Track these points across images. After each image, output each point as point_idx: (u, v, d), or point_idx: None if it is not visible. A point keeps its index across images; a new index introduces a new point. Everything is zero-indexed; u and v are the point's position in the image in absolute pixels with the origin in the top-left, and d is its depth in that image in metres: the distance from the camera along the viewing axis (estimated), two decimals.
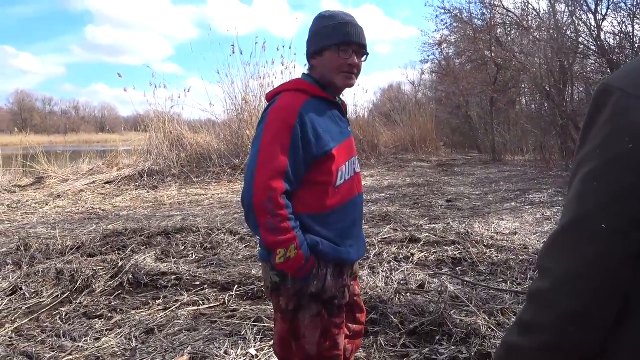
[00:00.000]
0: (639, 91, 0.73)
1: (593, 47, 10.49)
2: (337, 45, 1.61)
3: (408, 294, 3.27)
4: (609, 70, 9.61)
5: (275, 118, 1.56)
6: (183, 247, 4.63)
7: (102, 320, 3.13)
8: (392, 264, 3.94)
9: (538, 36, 12.11)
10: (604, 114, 0.77)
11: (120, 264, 3.94)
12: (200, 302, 3.34)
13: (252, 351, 2.58)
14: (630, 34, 9.75)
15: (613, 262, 0.73)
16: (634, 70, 0.78)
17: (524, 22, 13.38)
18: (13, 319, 3.18)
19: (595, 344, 0.77)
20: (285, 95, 1.63)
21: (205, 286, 3.63)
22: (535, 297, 0.81)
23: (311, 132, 1.54)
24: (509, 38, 14.84)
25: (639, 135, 0.71)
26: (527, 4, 13.59)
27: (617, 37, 10.17)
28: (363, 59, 1.67)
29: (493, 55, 13.54)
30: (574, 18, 10.82)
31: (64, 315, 3.21)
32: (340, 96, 1.77)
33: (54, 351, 2.71)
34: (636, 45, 9.43)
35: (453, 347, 2.54)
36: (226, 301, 3.34)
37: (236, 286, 3.56)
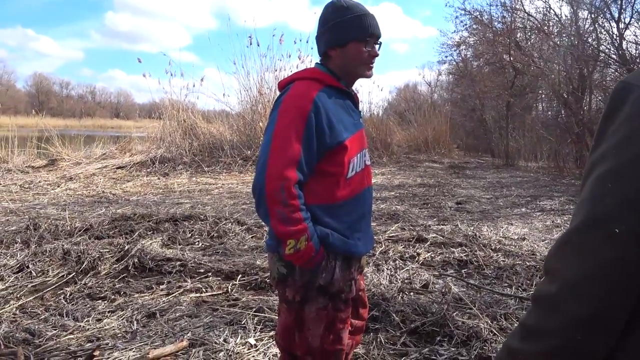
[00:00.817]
0: None
1: (614, 56, 10.34)
2: (361, 38, 1.60)
3: (411, 293, 3.25)
4: None
5: (289, 105, 1.52)
6: (190, 235, 4.64)
7: (105, 301, 3.15)
8: (397, 262, 3.92)
9: (558, 42, 11.96)
10: (621, 113, 0.73)
11: (126, 248, 3.97)
12: (203, 290, 3.35)
13: (252, 340, 2.57)
14: None
15: (626, 265, 0.69)
16: None
17: (545, 27, 13.22)
18: (18, 296, 3.21)
19: (603, 350, 0.73)
20: (300, 83, 1.59)
21: (209, 274, 3.64)
22: (541, 300, 0.77)
23: (325, 121, 1.51)
24: (529, 42, 14.68)
25: None
26: (548, 9, 13.44)
27: None
28: (379, 48, 1.66)
29: (511, 59, 13.40)
30: (596, 25, 10.68)
31: (68, 295, 3.24)
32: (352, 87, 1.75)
33: (55, 329, 2.73)
34: None
35: (453, 349, 2.52)
36: (229, 290, 3.34)
37: (240, 275, 3.57)
